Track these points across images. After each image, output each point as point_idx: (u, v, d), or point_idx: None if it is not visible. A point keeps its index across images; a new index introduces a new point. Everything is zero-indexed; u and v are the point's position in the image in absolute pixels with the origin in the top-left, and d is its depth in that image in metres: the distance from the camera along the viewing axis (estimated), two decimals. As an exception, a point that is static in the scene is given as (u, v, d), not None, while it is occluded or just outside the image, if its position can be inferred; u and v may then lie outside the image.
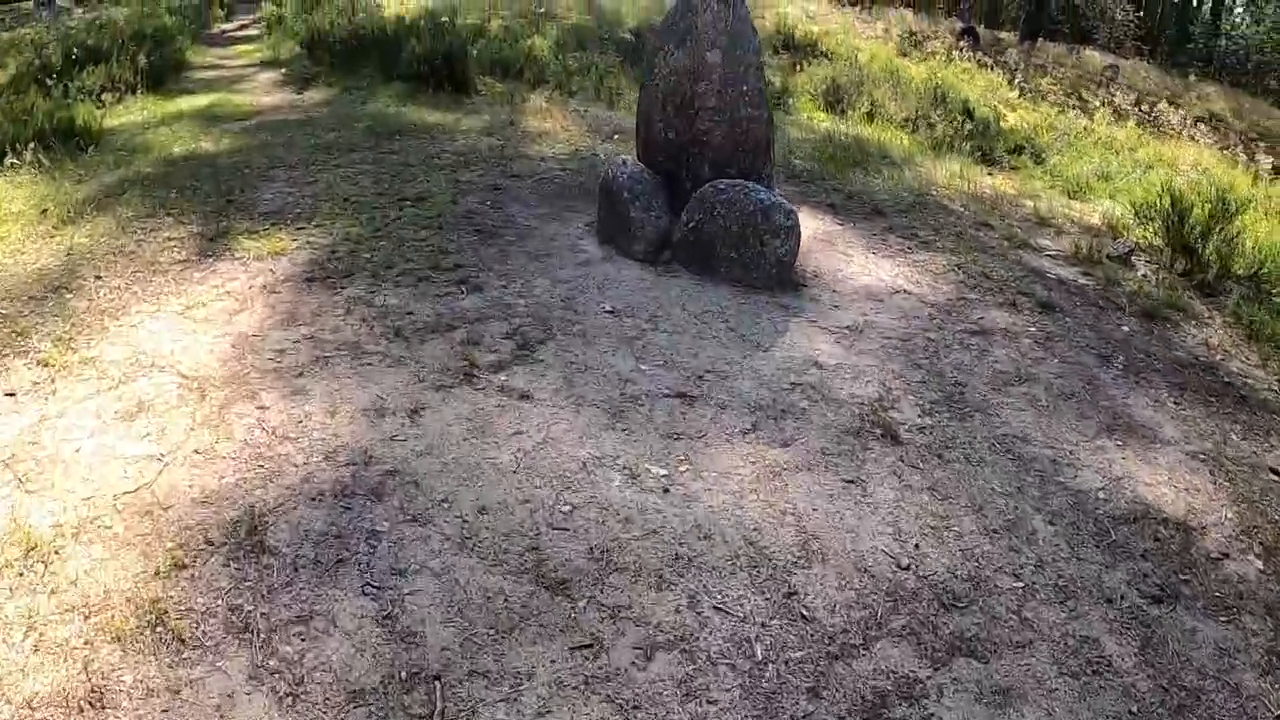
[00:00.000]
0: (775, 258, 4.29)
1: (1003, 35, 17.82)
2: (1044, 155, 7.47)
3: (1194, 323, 4.65)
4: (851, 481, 2.91)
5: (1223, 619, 2.54)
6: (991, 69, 12.22)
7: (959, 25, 16.25)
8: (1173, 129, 9.75)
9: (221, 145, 6.29)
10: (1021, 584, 2.56)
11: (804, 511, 2.75)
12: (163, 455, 2.74)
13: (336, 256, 4.36)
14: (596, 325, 3.74)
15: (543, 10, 11.05)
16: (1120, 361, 3.98)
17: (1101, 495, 2.99)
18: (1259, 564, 2.76)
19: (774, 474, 2.91)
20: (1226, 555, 2.79)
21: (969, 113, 8.69)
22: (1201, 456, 3.29)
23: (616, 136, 6.81)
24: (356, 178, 5.55)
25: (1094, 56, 15.76)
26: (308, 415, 2.99)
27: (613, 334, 3.68)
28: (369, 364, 3.36)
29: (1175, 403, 3.67)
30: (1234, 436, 3.47)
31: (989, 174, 7.12)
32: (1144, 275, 5.26)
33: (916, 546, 2.65)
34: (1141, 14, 20.98)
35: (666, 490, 2.77)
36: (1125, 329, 4.40)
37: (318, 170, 5.68)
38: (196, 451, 2.77)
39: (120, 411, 2.97)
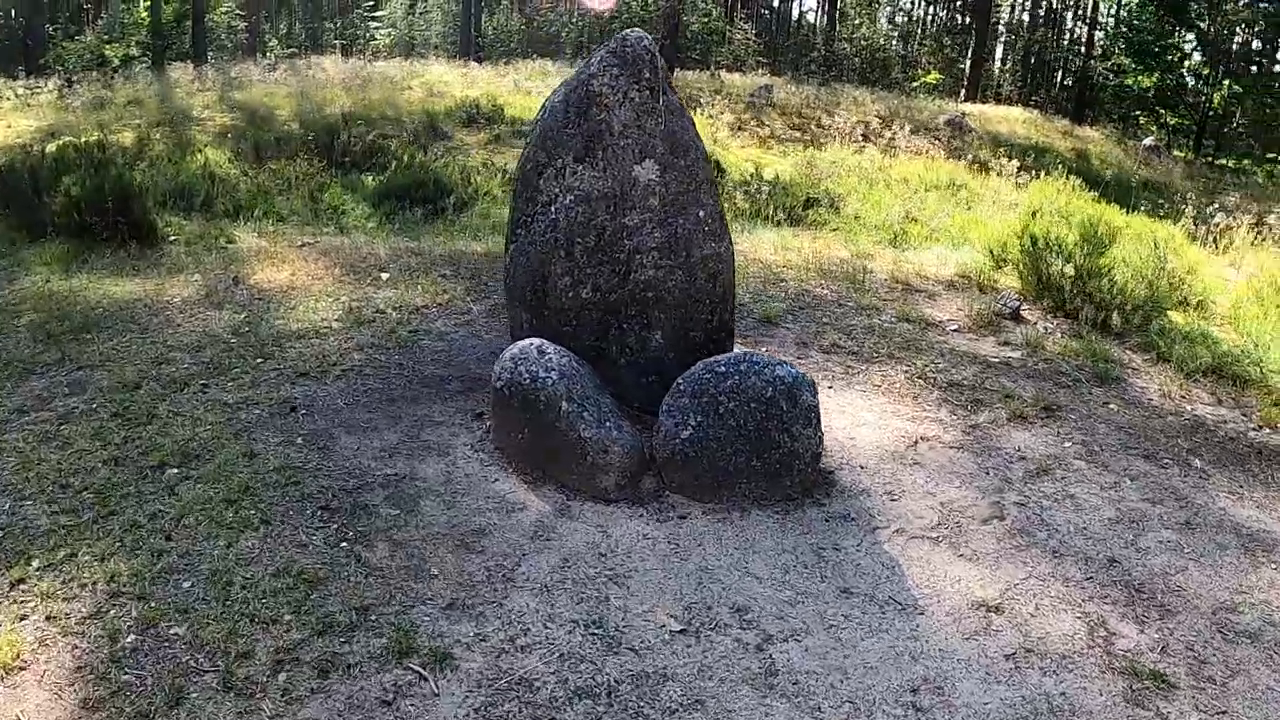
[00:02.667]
0: (811, 453, 3.32)
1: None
2: (838, 204, 7.53)
3: (1131, 371, 4.77)
4: None
5: None
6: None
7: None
8: (903, 146, 10.79)
9: None
10: None
11: None
12: None
13: (123, 660, 2.34)
14: (691, 690, 2.41)
15: (186, 118, 8.48)
16: (1160, 454, 3.79)
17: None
18: None
19: None
20: None
21: (721, 170, 8.52)
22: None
23: (387, 277, 5.16)
24: (62, 432, 3.35)
25: (736, 79, 17.30)
26: None
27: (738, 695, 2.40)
28: None
29: (1238, 484, 3.54)
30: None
31: (812, 238, 6.93)
32: (1044, 329, 5.34)
33: None
34: (758, 32, 23.84)
35: None
36: (1110, 407, 4.30)
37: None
38: None
39: None
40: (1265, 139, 18.12)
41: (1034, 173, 9.24)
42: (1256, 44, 20.96)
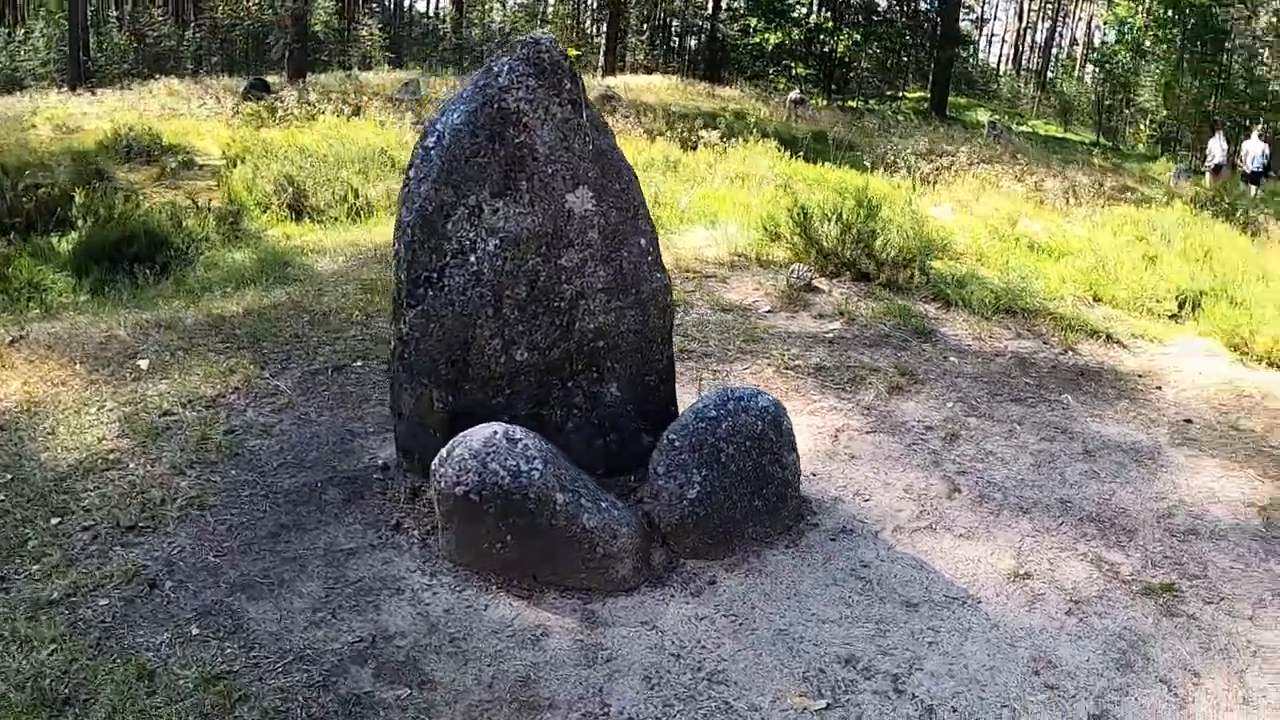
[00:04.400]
0: (797, 478, 3.40)
1: (271, 79, 17.11)
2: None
3: (936, 322, 5.59)
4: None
5: None
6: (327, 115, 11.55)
7: (243, 82, 15.21)
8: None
9: None
10: None
11: None
12: None
13: None
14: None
15: None
16: (1021, 395, 4.54)
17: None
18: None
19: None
20: None
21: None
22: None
23: (148, 365, 4.07)
24: None
25: (374, 78, 16.47)
26: None
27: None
28: None
29: (1088, 407, 4.39)
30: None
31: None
32: (841, 296, 5.99)
33: None
34: (383, 26, 22.81)
35: None
36: (951, 361, 4.99)
37: None
38: None
39: None
40: (885, 79, 21.97)
41: (732, 139, 10.10)
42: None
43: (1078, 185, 9.51)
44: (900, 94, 23.30)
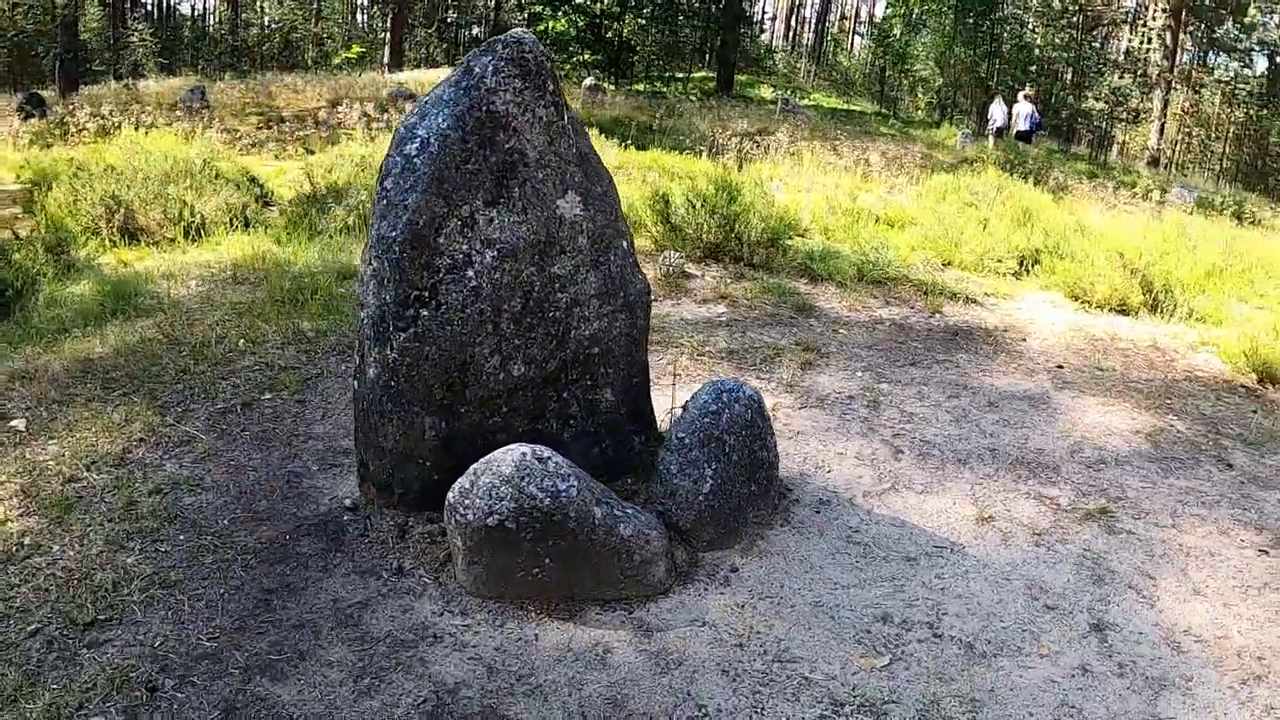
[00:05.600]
0: (777, 459, 3.68)
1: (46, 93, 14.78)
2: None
3: (812, 296, 6.16)
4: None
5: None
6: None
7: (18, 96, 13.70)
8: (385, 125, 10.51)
9: None
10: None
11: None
12: None
13: None
14: None
15: None
16: (916, 358, 5.16)
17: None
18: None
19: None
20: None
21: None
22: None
23: (26, 426, 3.54)
24: None
25: (154, 85, 14.68)
26: None
27: None
28: None
29: (974, 363, 5.11)
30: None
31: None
32: (715, 280, 6.40)
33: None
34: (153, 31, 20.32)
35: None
36: (841, 333, 5.54)
37: None
38: None
39: None
40: (670, 62, 22.66)
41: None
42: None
43: (886, 155, 10.69)
44: (688, 75, 24.43)
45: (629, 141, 9.96)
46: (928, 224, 7.09)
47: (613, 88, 18.09)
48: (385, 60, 21.14)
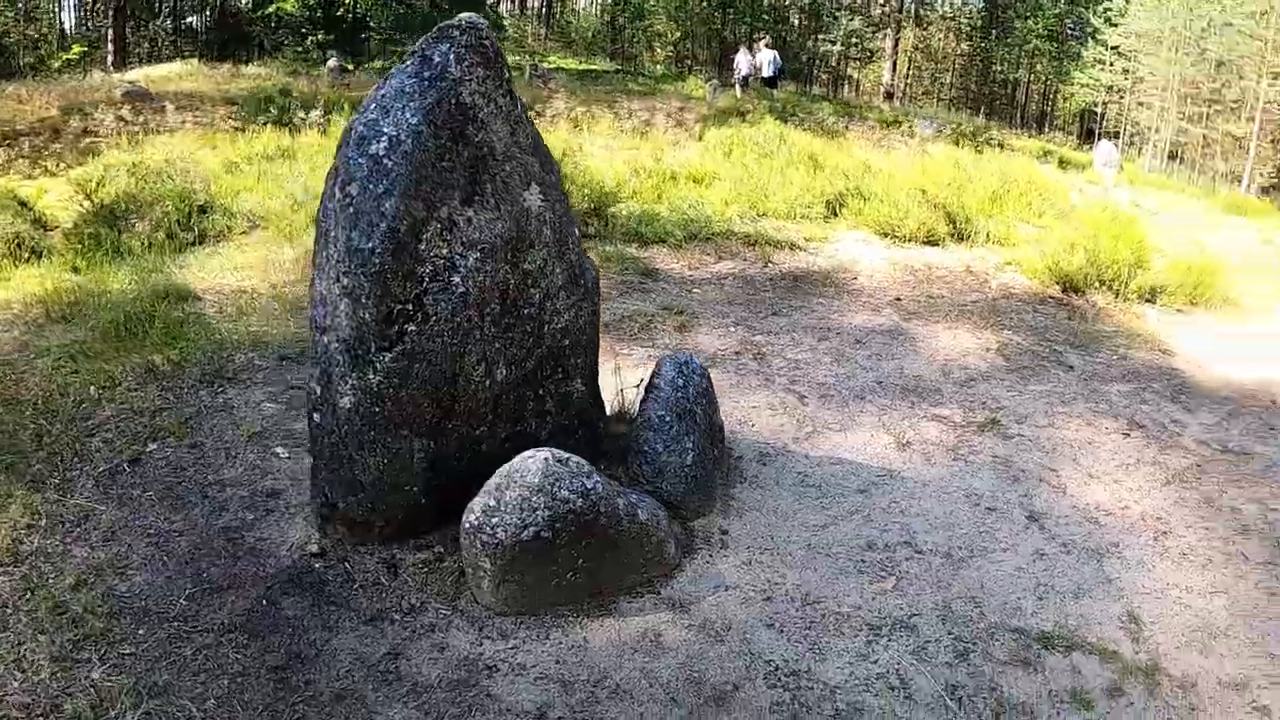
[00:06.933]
0: (722, 421, 4.00)
1: None
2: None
3: (650, 260, 6.47)
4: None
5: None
6: None
7: None
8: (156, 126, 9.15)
9: None
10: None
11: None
12: None
13: None
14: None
15: None
16: (778, 309, 5.69)
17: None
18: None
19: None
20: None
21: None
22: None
23: None
24: None
25: None
26: None
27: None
28: None
29: (826, 307, 5.74)
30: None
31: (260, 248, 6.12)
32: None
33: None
34: None
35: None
36: (695, 292, 5.94)
37: None
38: None
39: None
40: (406, 37, 21.37)
41: (327, 115, 9.52)
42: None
43: (666, 113, 11.10)
44: None
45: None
46: (733, 178, 7.64)
47: (351, 66, 17.17)
48: (110, 59, 18.31)
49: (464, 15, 2.90)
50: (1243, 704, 2.68)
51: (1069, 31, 30.20)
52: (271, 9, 18.95)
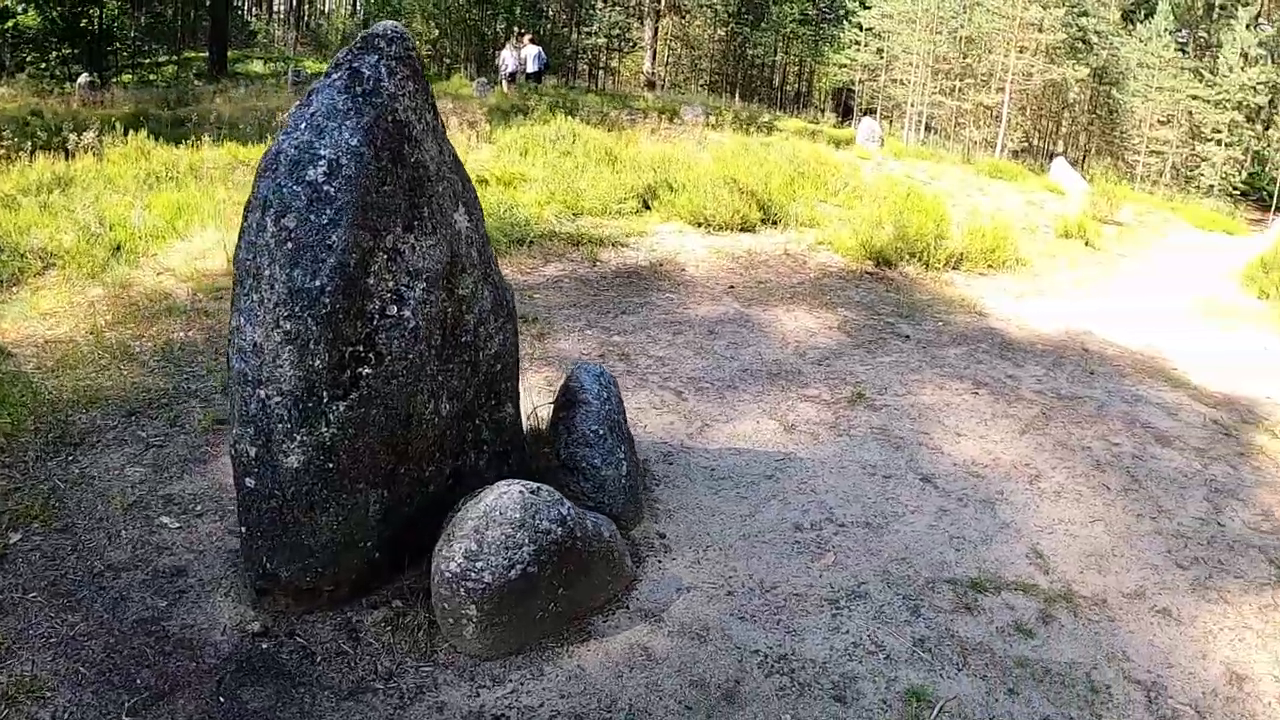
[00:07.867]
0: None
1: None
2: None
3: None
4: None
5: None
6: None
7: None
8: None
9: None
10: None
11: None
12: None
13: None
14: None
15: None
16: (663, 293, 5.89)
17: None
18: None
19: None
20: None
21: None
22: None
23: None
24: None
25: None
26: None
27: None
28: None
29: (706, 293, 6.04)
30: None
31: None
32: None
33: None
34: None
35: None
36: (536, 298, 5.99)
37: None
38: None
39: None
40: (154, 48, 19.41)
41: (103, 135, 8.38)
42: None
43: (446, 112, 10.65)
44: (174, 59, 21.56)
45: (158, 137, 8.64)
46: (542, 178, 7.65)
47: (99, 81, 15.43)
48: None
49: (386, 23, 2.77)
50: (1147, 609, 3.27)
51: (823, 14, 33.06)
52: (10, 23, 16.94)
